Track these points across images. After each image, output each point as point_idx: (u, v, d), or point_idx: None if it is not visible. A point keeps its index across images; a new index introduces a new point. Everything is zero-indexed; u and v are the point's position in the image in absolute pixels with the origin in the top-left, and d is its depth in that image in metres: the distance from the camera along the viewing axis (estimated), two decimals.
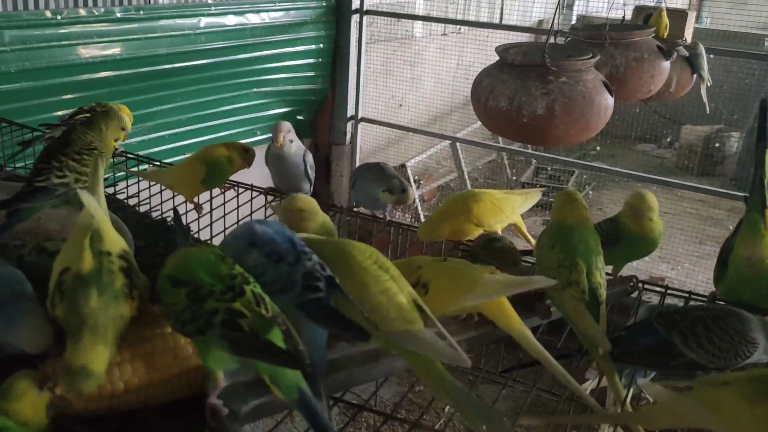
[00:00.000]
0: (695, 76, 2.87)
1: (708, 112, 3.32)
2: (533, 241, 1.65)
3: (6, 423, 0.82)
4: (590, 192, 5.59)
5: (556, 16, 2.29)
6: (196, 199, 1.71)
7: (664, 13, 2.87)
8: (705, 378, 0.96)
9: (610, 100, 2.12)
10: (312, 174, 1.88)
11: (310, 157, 1.87)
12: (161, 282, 0.92)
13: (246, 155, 1.66)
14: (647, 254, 1.43)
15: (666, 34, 2.85)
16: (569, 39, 2.64)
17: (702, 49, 2.85)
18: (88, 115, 1.93)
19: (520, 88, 2.04)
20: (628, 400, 1.17)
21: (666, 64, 2.57)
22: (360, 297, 0.94)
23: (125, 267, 0.93)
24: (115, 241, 0.97)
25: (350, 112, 4.44)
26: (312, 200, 1.33)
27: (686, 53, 2.79)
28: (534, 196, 1.65)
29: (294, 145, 1.83)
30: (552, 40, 2.20)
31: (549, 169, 5.55)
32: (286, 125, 1.83)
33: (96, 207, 0.99)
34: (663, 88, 2.68)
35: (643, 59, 2.48)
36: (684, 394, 0.92)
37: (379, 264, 0.99)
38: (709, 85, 2.96)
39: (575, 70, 2.05)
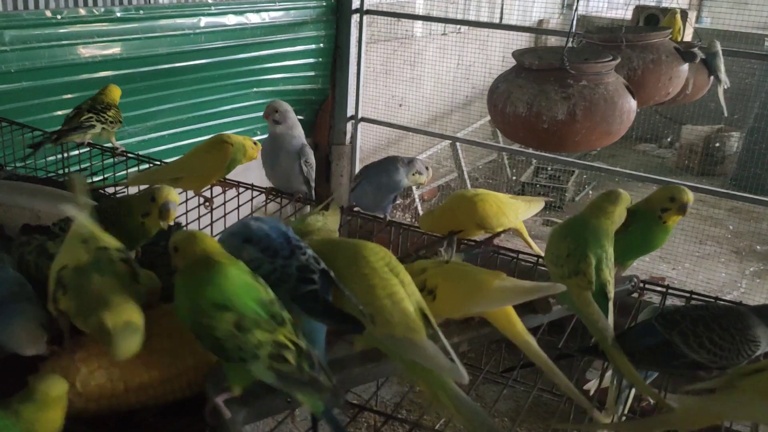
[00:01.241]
0: (712, 78, 2.82)
1: (726, 114, 3.26)
2: (535, 246, 1.65)
3: (5, 423, 0.79)
4: (590, 192, 5.59)
5: (574, 19, 2.27)
6: (207, 194, 1.72)
7: (678, 15, 2.82)
8: (736, 370, 0.94)
9: (633, 104, 2.06)
10: (310, 172, 1.82)
11: (309, 154, 1.78)
12: (198, 300, 0.86)
13: (255, 146, 1.68)
14: (651, 250, 1.40)
15: (680, 37, 2.81)
16: (583, 42, 2.61)
17: (719, 48, 2.80)
18: (91, 115, 1.93)
19: (539, 93, 1.99)
20: (630, 397, 1.17)
21: (684, 66, 2.52)
22: (365, 298, 0.93)
23: (125, 258, 0.94)
24: (112, 242, 0.97)
25: (350, 112, 4.44)
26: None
27: (703, 55, 2.75)
28: (537, 205, 1.64)
29: (286, 127, 1.76)
30: (570, 43, 2.17)
31: (549, 169, 5.54)
32: (281, 104, 1.76)
33: (87, 220, 0.99)
34: (680, 91, 2.64)
35: (660, 61, 2.43)
36: (725, 391, 0.91)
37: (390, 267, 0.98)
38: (726, 86, 2.90)
39: (595, 73, 2.00)
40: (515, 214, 1.58)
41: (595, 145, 2.11)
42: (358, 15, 4.22)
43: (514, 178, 5.48)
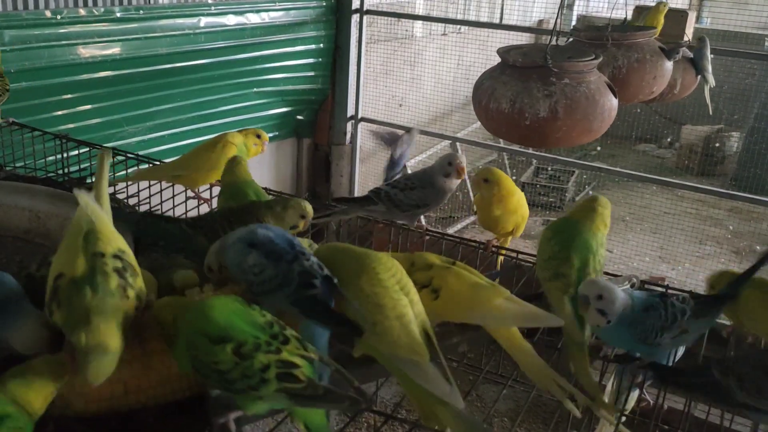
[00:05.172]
0: (699, 77, 2.85)
1: (711, 113, 3.31)
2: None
3: (6, 409, 0.79)
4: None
5: (558, 17, 2.28)
6: (207, 195, 1.72)
7: (660, 9, 2.85)
8: None
9: (614, 102, 2.10)
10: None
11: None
12: (193, 339, 0.86)
13: (258, 140, 1.68)
14: None
15: (659, 31, 2.83)
16: (570, 40, 2.63)
17: (707, 44, 2.81)
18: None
19: (522, 90, 2.02)
20: (633, 399, 1.17)
21: (669, 65, 2.55)
22: (374, 317, 0.94)
23: (119, 267, 0.90)
24: (111, 240, 0.93)
25: (350, 112, 4.44)
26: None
27: (690, 54, 2.77)
28: None
29: None
30: (554, 41, 2.19)
31: (549, 169, 5.55)
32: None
33: (93, 207, 0.95)
34: (667, 89, 2.66)
35: (645, 60, 2.47)
36: None
37: (401, 285, 0.99)
38: (712, 86, 2.93)
39: (578, 72, 2.03)
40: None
41: (576, 141, 2.15)
42: (358, 15, 4.21)
43: (514, 178, 5.47)
